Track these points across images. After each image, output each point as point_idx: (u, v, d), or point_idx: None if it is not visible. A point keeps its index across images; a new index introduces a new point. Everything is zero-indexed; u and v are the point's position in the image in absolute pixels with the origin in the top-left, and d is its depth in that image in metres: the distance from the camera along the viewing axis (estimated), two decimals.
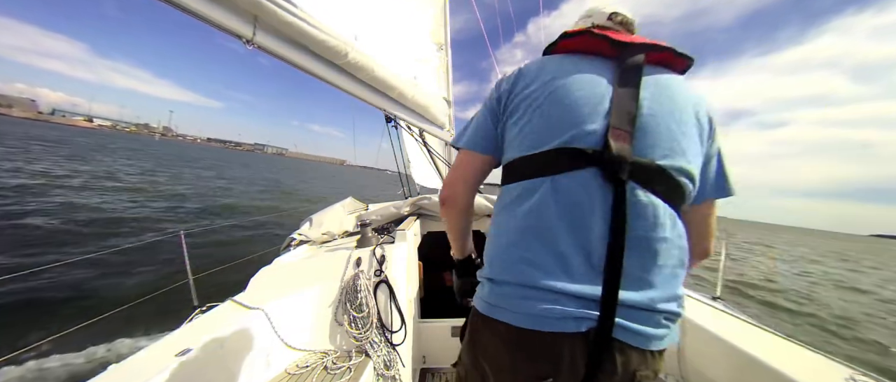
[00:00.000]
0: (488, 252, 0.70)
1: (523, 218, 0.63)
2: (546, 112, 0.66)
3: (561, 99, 0.65)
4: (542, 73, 0.70)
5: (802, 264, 16.36)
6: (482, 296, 0.67)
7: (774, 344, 1.33)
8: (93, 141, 46.86)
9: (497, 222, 0.70)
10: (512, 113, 0.72)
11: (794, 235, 66.67)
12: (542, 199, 0.61)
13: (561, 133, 0.63)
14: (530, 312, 0.56)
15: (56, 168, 16.68)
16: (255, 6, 1.08)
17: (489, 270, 0.67)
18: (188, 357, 1.12)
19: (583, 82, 0.66)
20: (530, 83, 0.70)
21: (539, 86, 0.69)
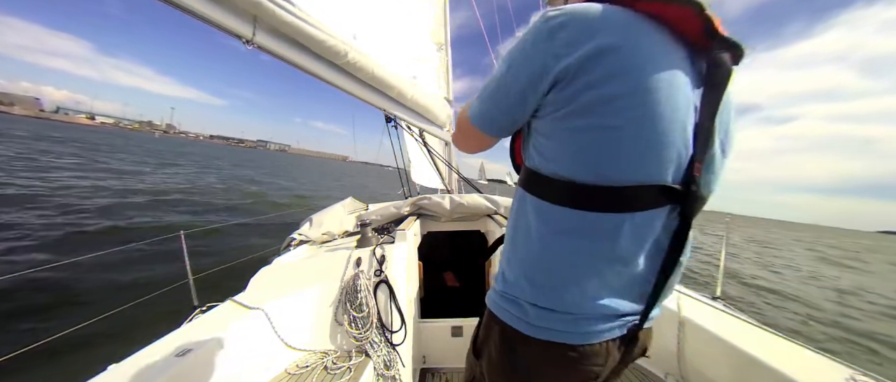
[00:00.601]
0: (535, 277, 0.60)
1: (591, 256, 0.55)
2: (635, 133, 0.50)
3: (656, 119, 0.50)
4: (632, 65, 0.50)
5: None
6: (524, 318, 0.60)
7: (774, 344, 1.33)
8: (85, 138, 46.31)
9: (549, 244, 0.57)
10: (576, 110, 0.52)
11: (794, 231, 65.94)
12: (615, 237, 0.54)
13: (650, 166, 0.52)
14: (585, 330, 0.58)
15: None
16: (255, 6, 1.08)
17: (539, 297, 0.59)
18: (188, 357, 1.12)
19: (678, 94, 0.52)
20: (614, 74, 0.49)
21: (629, 88, 0.49)
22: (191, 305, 2.08)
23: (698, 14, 0.52)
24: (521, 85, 0.56)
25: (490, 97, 0.63)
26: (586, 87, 0.51)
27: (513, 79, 0.57)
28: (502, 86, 0.60)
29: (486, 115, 0.65)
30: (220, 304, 1.51)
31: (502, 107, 0.62)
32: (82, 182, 12.79)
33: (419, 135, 2.97)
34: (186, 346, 1.15)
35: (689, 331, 1.55)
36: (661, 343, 1.61)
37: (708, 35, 0.54)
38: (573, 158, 0.54)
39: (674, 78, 0.52)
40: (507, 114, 0.62)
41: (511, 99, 0.59)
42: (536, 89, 0.55)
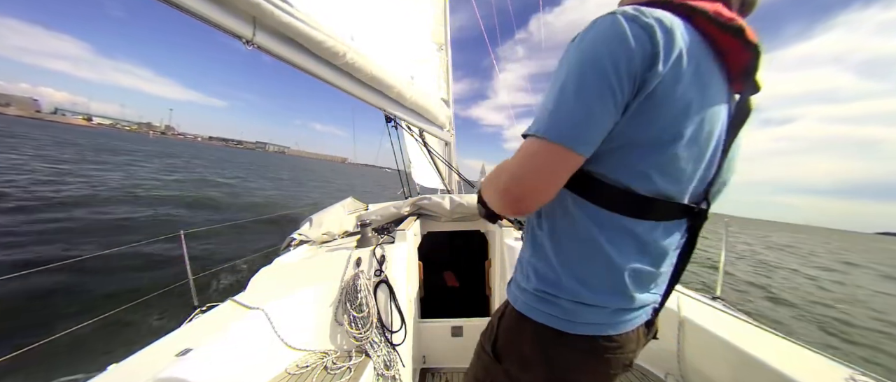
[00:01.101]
0: (580, 275, 0.61)
1: (630, 256, 0.60)
2: (686, 153, 0.54)
3: (703, 143, 0.55)
4: (698, 85, 0.52)
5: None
6: (562, 315, 0.62)
7: (774, 344, 1.33)
8: (65, 137, 44.94)
9: (597, 245, 0.59)
10: (651, 118, 0.51)
11: (790, 233, 64.72)
12: (649, 240, 0.60)
13: (685, 185, 0.58)
14: (621, 320, 0.63)
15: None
16: (253, 7, 1.08)
17: (581, 293, 0.61)
18: (188, 357, 1.12)
19: (717, 122, 0.56)
20: (684, 90, 0.51)
21: (693, 107, 0.52)
22: (191, 305, 2.08)
23: (754, 57, 0.55)
24: (605, 92, 0.50)
25: (574, 99, 0.50)
26: (664, 96, 0.50)
27: (594, 96, 0.50)
28: (585, 86, 0.50)
29: (575, 123, 0.50)
30: (220, 304, 1.52)
31: (594, 110, 0.50)
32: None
33: (419, 135, 2.97)
34: (186, 346, 1.15)
35: (689, 331, 1.55)
36: (661, 343, 1.61)
37: (747, 75, 0.57)
38: (635, 167, 0.55)
39: (718, 106, 0.56)
40: (601, 118, 0.51)
41: (601, 115, 0.51)
42: (617, 97, 0.50)
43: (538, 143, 0.53)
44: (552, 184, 0.53)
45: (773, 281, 10.78)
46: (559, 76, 0.54)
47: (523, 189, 0.54)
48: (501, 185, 0.57)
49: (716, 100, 0.55)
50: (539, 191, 0.53)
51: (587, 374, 0.64)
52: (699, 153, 0.56)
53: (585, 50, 0.51)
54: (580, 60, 0.51)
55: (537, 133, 0.53)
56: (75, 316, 3.48)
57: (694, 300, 1.73)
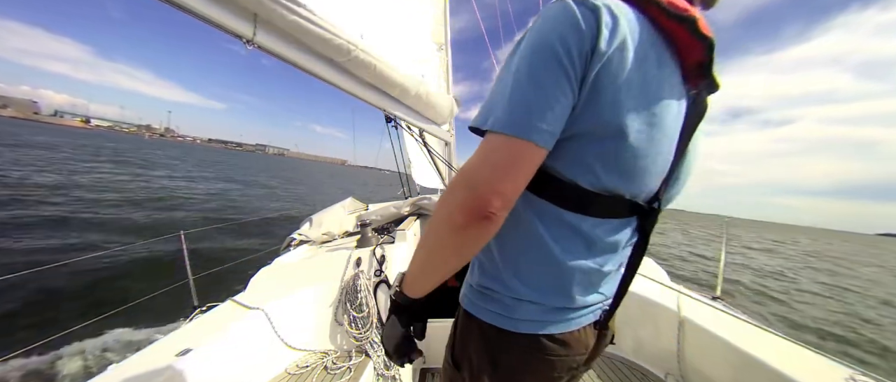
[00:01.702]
0: (523, 272, 0.59)
1: (577, 253, 0.57)
2: (638, 148, 0.51)
3: (655, 138, 0.53)
4: (649, 78, 0.50)
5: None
6: (505, 313, 0.59)
7: (774, 344, 1.33)
8: (55, 141, 43.83)
9: (542, 241, 0.56)
10: (601, 109, 0.48)
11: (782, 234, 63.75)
12: (597, 238, 0.57)
13: (637, 182, 0.55)
14: (564, 319, 0.60)
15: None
16: (256, 4, 1.08)
17: (522, 290, 0.58)
18: (188, 357, 1.12)
19: (670, 118, 0.53)
20: (633, 82, 0.48)
21: (645, 100, 0.50)
22: (191, 305, 2.08)
23: (707, 51, 0.53)
24: (559, 76, 0.47)
25: (527, 84, 0.47)
26: (607, 83, 0.47)
27: (549, 81, 0.47)
28: (538, 70, 0.47)
29: (532, 110, 0.46)
30: (220, 304, 1.51)
31: (550, 94, 0.46)
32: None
33: (419, 135, 2.98)
34: (186, 346, 1.15)
35: (689, 331, 1.55)
36: (661, 343, 1.61)
37: (701, 71, 0.55)
38: (579, 159, 0.52)
39: (669, 100, 0.53)
40: (557, 102, 0.47)
41: (558, 100, 0.47)
42: (571, 78, 0.47)
43: (493, 139, 0.48)
44: (516, 185, 0.48)
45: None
46: (510, 65, 0.50)
47: (483, 196, 0.46)
48: (457, 200, 0.48)
49: (667, 95, 0.52)
50: (502, 194, 0.46)
51: (531, 375, 0.61)
52: (648, 149, 0.52)
53: (536, 35, 0.49)
54: (531, 46, 0.49)
55: (492, 127, 0.47)
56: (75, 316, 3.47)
57: (694, 300, 1.73)
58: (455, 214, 0.48)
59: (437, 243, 0.53)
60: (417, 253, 0.58)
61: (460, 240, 0.50)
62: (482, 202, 0.46)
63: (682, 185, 0.64)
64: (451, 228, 0.49)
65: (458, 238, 0.50)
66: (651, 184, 0.57)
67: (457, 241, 0.50)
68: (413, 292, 0.62)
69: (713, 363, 1.43)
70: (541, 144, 0.47)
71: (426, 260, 0.57)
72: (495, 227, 0.49)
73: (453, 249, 0.52)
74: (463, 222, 0.48)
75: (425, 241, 0.56)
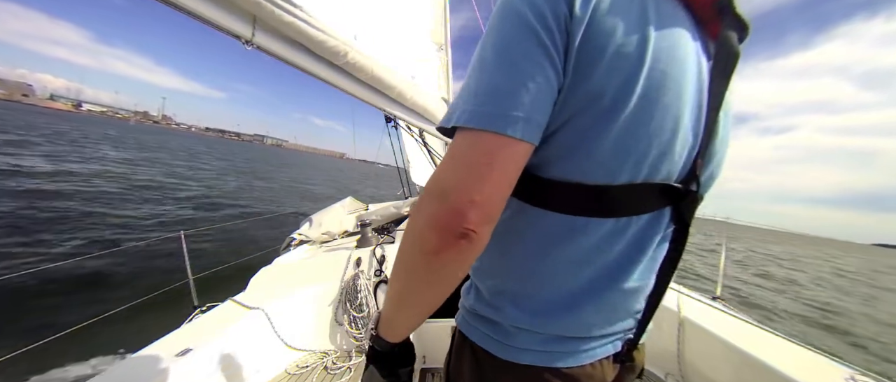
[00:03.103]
0: (518, 294, 0.49)
1: (584, 267, 0.47)
2: (640, 117, 0.40)
3: (668, 103, 0.41)
4: (639, 24, 0.40)
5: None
6: (500, 338, 0.50)
7: (774, 344, 1.33)
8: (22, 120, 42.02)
9: (537, 255, 0.47)
10: (587, 85, 0.39)
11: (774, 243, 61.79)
12: (611, 245, 0.46)
13: (655, 161, 0.43)
14: (573, 351, 0.49)
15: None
16: (255, 6, 1.08)
17: (520, 316, 0.49)
18: (188, 357, 1.12)
19: (688, 72, 0.43)
20: (625, 34, 0.39)
21: (632, 51, 0.39)
22: (191, 305, 2.08)
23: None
24: (540, 56, 0.38)
25: (496, 66, 0.39)
26: (597, 39, 0.38)
27: (529, 62, 0.38)
28: (507, 46, 0.39)
29: (504, 96, 0.38)
30: (220, 304, 1.52)
31: (526, 72, 0.38)
32: None
33: (419, 135, 2.98)
34: (186, 346, 1.15)
35: (689, 331, 1.55)
36: (661, 343, 1.61)
37: (721, 12, 0.45)
38: (581, 152, 0.42)
39: (688, 54, 0.43)
40: (536, 81, 0.38)
41: (541, 84, 0.38)
42: (552, 56, 0.38)
43: (460, 137, 0.39)
44: (495, 190, 0.38)
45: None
46: (476, 50, 0.42)
47: (456, 208, 0.36)
48: (425, 216, 0.38)
49: (678, 48, 0.42)
50: (478, 204, 0.36)
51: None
52: (664, 119, 0.42)
53: (499, 9, 0.41)
54: (497, 18, 0.40)
55: (456, 123, 0.39)
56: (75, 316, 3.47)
57: (694, 300, 1.73)
58: (426, 235, 0.38)
59: (409, 273, 0.42)
60: (391, 288, 0.47)
61: (435, 268, 0.39)
62: (456, 216, 0.36)
63: (721, 159, 0.52)
64: (423, 253, 0.39)
65: (432, 264, 0.39)
66: (679, 160, 0.45)
67: (431, 269, 0.39)
68: (391, 335, 0.50)
69: (713, 363, 1.43)
70: (520, 137, 0.37)
71: (400, 296, 0.46)
72: (477, 247, 0.38)
73: (427, 280, 0.41)
74: (436, 244, 0.37)
75: (396, 273, 0.45)
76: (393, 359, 0.54)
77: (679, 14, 0.44)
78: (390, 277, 0.47)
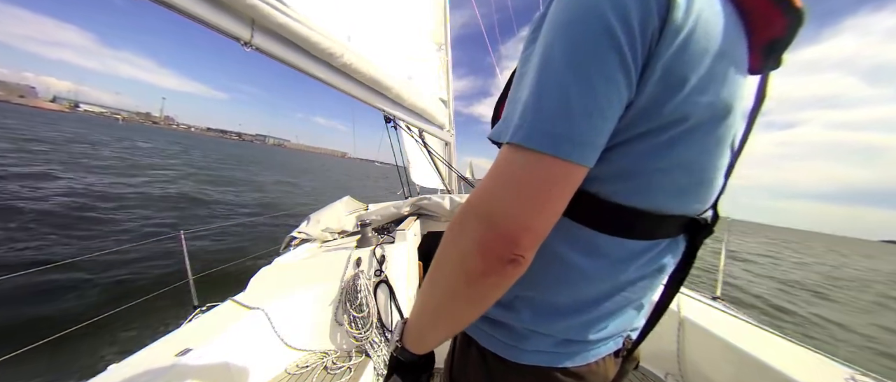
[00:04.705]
0: (536, 299, 0.49)
1: (604, 280, 0.47)
2: (703, 151, 0.40)
3: (722, 139, 0.41)
4: (715, 51, 0.36)
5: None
6: (509, 341, 0.50)
7: (774, 344, 1.33)
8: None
9: (563, 266, 0.46)
10: (674, 98, 0.36)
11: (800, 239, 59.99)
12: (632, 262, 0.47)
13: (698, 195, 0.44)
14: (579, 351, 0.51)
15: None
16: (250, 8, 1.08)
17: (535, 320, 0.49)
18: (188, 357, 1.12)
19: (736, 105, 0.41)
20: (703, 60, 0.36)
21: (709, 77, 0.37)
22: (191, 305, 2.08)
23: (793, 27, 0.40)
24: (616, 65, 0.34)
25: (565, 78, 0.34)
26: (680, 64, 0.35)
27: (598, 74, 0.33)
28: (580, 54, 0.34)
29: (571, 116, 0.33)
30: (220, 304, 1.52)
31: (599, 90, 0.33)
32: None
33: (419, 135, 2.97)
34: (186, 346, 1.15)
35: (689, 331, 1.55)
36: (661, 343, 1.61)
37: (774, 49, 0.42)
38: (633, 177, 0.40)
39: (739, 84, 0.40)
40: (608, 101, 0.34)
41: (609, 101, 0.34)
42: (636, 52, 0.34)
43: (516, 156, 0.35)
44: (550, 218, 0.36)
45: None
46: (535, 50, 0.37)
47: (509, 234, 0.34)
48: (472, 240, 0.36)
49: (741, 81, 0.40)
50: (532, 230, 0.34)
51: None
52: (721, 153, 0.42)
53: (574, 3, 0.34)
54: (569, 19, 0.34)
55: (512, 140, 0.35)
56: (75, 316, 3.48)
57: (694, 300, 1.73)
58: (471, 258, 0.36)
59: (449, 294, 0.41)
60: (423, 303, 0.47)
61: (479, 290, 0.38)
62: (507, 242, 0.34)
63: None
64: (467, 276, 0.37)
65: (476, 286, 0.38)
66: (713, 193, 0.46)
67: (474, 291, 0.38)
68: (418, 348, 0.51)
69: (713, 363, 1.43)
70: (583, 163, 0.34)
71: (436, 314, 0.45)
72: (523, 270, 0.36)
73: (469, 301, 0.40)
74: (482, 269, 0.36)
75: (433, 290, 0.44)
76: (417, 369, 0.55)
77: (743, 44, 0.41)
78: (422, 291, 0.46)
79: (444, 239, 0.41)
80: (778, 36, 0.41)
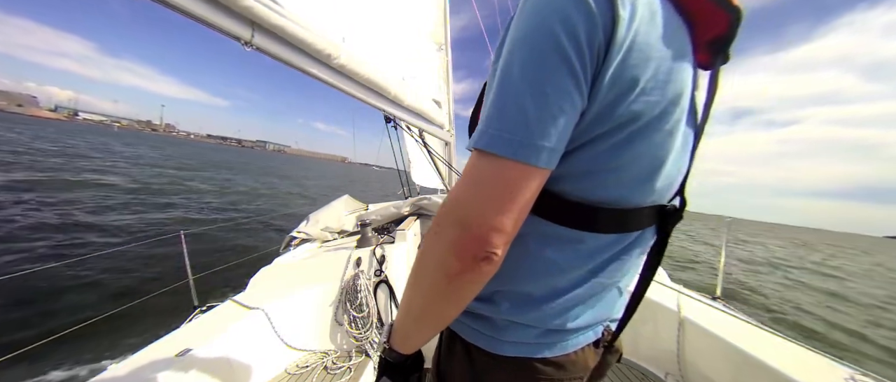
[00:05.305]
0: (514, 292, 0.51)
1: (579, 272, 0.50)
2: (657, 147, 0.44)
3: (676, 130, 0.44)
4: (661, 52, 0.40)
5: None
6: (492, 334, 0.53)
7: (774, 344, 1.33)
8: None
9: (539, 261, 0.49)
10: (619, 109, 0.40)
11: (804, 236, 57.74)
12: (606, 254, 0.49)
13: (661, 187, 0.47)
14: (558, 341, 0.53)
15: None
16: (245, 9, 1.08)
17: (514, 312, 0.51)
18: (188, 357, 1.12)
19: (684, 97, 0.44)
20: (649, 61, 0.39)
21: (654, 79, 0.40)
22: (191, 305, 2.08)
23: (734, 24, 0.44)
24: (565, 77, 0.37)
25: (521, 88, 0.37)
26: (631, 80, 0.38)
27: (552, 85, 0.37)
28: (533, 66, 0.37)
29: (528, 123, 0.37)
30: (220, 304, 1.52)
31: (551, 99, 0.37)
32: None
33: (419, 135, 2.98)
34: (186, 346, 1.16)
35: (689, 331, 1.55)
36: (661, 343, 1.61)
37: (719, 45, 0.46)
38: (593, 176, 0.43)
39: (686, 78, 0.43)
40: (562, 108, 0.38)
41: (564, 109, 0.37)
42: (579, 79, 0.37)
43: (482, 162, 0.39)
44: (517, 216, 0.39)
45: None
46: (501, 63, 0.40)
47: (480, 235, 0.37)
48: (448, 241, 0.40)
49: (687, 80, 0.43)
50: (501, 229, 0.38)
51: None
52: (676, 148, 0.45)
53: (529, 18, 0.38)
54: (524, 34, 0.38)
55: (477, 146, 0.39)
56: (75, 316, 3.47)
57: (694, 300, 1.73)
58: (448, 259, 0.40)
59: (431, 293, 0.44)
60: (407, 305, 0.49)
61: (458, 287, 0.42)
62: (479, 242, 0.38)
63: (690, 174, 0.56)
64: (446, 276, 0.41)
65: (454, 285, 0.41)
66: (676, 186, 0.50)
67: (454, 289, 0.42)
68: (406, 348, 0.53)
69: (713, 363, 1.43)
70: (543, 166, 0.38)
71: (420, 313, 0.48)
72: (496, 266, 0.40)
73: (450, 298, 0.43)
74: (459, 268, 0.39)
75: (415, 291, 0.47)
76: (406, 370, 0.57)
77: (684, 38, 0.44)
78: (405, 294, 0.49)
79: (424, 242, 0.45)
80: (721, 32, 0.45)
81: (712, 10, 0.43)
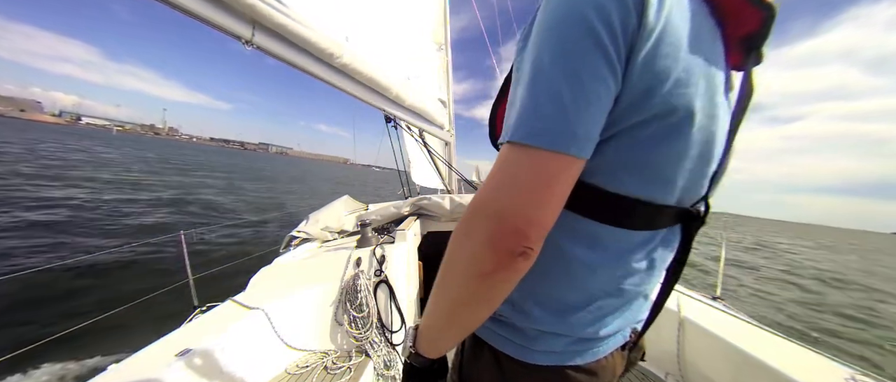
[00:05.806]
0: (537, 288, 0.49)
1: (610, 273, 0.48)
2: (694, 143, 0.42)
3: (713, 129, 0.43)
4: (691, 48, 0.39)
5: None
6: (523, 342, 0.51)
7: (774, 344, 1.33)
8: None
9: (570, 262, 0.47)
10: (655, 91, 0.38)
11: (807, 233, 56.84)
12: (635, 254, 0.48)
13: (692, 185, 0.46)
14: (590, 348, 0.52)
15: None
16: (249, 7, 1.08)
17: (545, 321, 0.49)
18: (188, 357, 1.12)
19: (718, 99, 0.43)
20: (679, 57, 0.38)
21: (684, 75, 0.39)
22: (191, 305, 2.08)
23: (766, 22, 0.42)
24: (601, 64, 0.36)
25: (553, 76, 0.36)
26: (656, 60, 0.37)
27: (587, 71, 0.36)
28: (566, 53, 0.36)
29: (563, 111, 0.35)
30: (220, 304, 1.51)
31: (586, 85, 0.36)
32: None
33: (419, 135, 2.98)
34: (186, 346, 1.15)
35: (689, 331, 1.55)
36: (661, 343, 1.61)
37: (751, 45, 0.45)
38: (630, 166, 0.42)
39: (719, 79, 0.43)
40: (597, 94, 0.37)
41: (599, 97, 0.37)
42: (614, 65, 0.36)
43: (517, 154, 0.37)
44: (554, 210, 0.37)
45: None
46: (529, 52, 0.39)
47: (517, 229, 0.36)
48: (482, 238, 0.38)
49: (719, 75, 0.43)
50: (538, 223, 0.36)
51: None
52: (708, 144, 0.44)
53: (557, 6, 0.37)
54: (555, 21, 0.37)
55: (512, 139, 0.37)
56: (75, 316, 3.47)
57: (694, 300, 1.73)
58: (482, 256, 0.38)
59: (463, 294, 0.41)
60: (435, 307, 0.47)
61: (491, 286, 0.39)
62: (515, 237, 0.36)
63: (722, 179, 0.53)
64: (480, 275, 0.39)
65: (488, 283, 0.39)
66: (704, 185, 0.48)
67: (487, 288, 0.39)
68: (432, 352, 0.51)
69: (713, 363, 1.43)
70: (580, 155, 0.36)
71: (450, 316, 0.46)
72: (530, 264, 0.38)
73: (484, 298, 0.41)
74: (493, 265, 0.37)
75: (445, 292, 0.44)
76: (433, 374, 0.56)
77: (715, 38, 0.43)
78: (433, 297, 0.47)
79: (452, 242, 0.42)
80: (753, 30, 0.43)
81: (744, 7, 0.42)
